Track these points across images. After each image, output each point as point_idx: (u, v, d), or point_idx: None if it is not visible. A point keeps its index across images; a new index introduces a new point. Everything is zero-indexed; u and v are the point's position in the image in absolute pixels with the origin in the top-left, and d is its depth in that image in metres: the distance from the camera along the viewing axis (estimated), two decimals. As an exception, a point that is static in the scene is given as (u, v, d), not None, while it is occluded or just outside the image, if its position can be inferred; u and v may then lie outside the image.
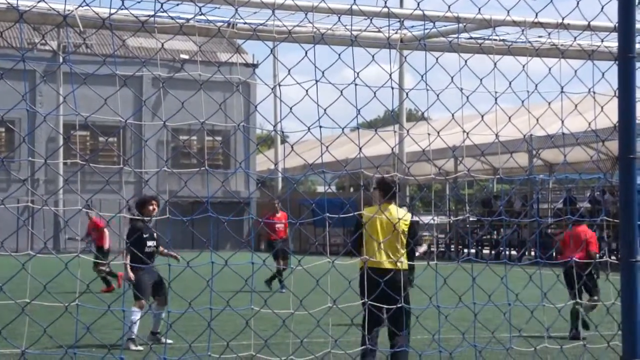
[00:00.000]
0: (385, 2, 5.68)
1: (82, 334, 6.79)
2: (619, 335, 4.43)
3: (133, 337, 10.97)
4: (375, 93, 5.58)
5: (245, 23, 6.73)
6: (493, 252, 35.67)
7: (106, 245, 19.02)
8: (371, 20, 6.59)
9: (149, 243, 11.57)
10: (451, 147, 7.60)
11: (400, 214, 8.09)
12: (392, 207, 8.21)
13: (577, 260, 10.50)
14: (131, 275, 11.02)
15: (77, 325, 5.03)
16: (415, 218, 8.84)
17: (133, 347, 10.85)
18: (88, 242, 20.68)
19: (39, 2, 5.37)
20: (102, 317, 6.33)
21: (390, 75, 5.58)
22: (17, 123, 41.01)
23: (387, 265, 7.78)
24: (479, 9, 5.93)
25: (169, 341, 11.33)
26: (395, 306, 6.87)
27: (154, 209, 11.83)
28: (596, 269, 11.48)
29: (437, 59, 5.90)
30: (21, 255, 4.94)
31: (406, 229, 8.13)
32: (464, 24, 6.95)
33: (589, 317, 10.74)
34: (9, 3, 5.65)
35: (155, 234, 11.77)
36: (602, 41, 6.57)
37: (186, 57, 42.75)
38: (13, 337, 6.12)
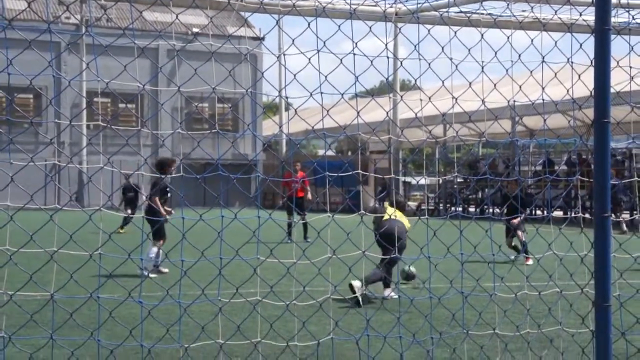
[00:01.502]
0: (382, -22, 5.64)
1: (104, 281, 6.84)
2: (592, 284, 4.46)
3: (159, 265, 13.07)
4: (372, 62, 5.56)
5: (253, -3, 6.68)
6: (478, 209, 35.74)
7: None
8: (369, -5, 6.54)
9: (166, 196, 13.42)
10: (441, 113, 7.59)
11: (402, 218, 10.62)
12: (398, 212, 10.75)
13: None
14: (163, 211, 12.92)
15: (100, 273, 5.08)
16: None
17: (164, 270, 13.12)
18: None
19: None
20: (122, 265, 6.37)
21: (386, 45, 5.56)
22: (44, 90, 40.90)
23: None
24: (468, -15, 5.88)
25: (165, 270, 12.50)
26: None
27: (173, 169, 13.04)
28: None
29: (429, 31, 5.85)
30: (49, 208, 4.96)
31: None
32: (454, -2, 6.91)
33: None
34: (35, -23, 5.60)
35: (167, 188, 13.11)
36: (581, 15, 6.52)
37: (198, 30, 42.53)
38: (42, 283, 6.16)
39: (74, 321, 5.70)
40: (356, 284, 9.91)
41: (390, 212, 10.72)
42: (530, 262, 14.80)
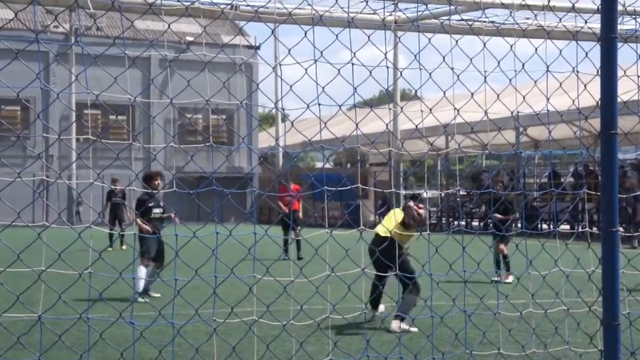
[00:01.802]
0: (381, -14, 5.65)
1: (95, 301, 6.82)
2: (600, 301, 4.45)
3: (140, 290, 11.79)
4: (371, 72, 5.56)
5: (247, 5, 6.70)
6: (482, 223, 35.72)
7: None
8: (367, 2, 6.56)
9: (155, 210, 12.92)
10: (443, 124, 7.59)
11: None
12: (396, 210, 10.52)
13: None
14: (145, 228, 12.43)
15: (89, 292, 5.06)
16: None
17: (140, 300, 12.08)
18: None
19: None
20: (113, 285, 6.36)
21: (385, 55, 5.57)
22: (32, 102, 40.94)
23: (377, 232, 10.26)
24: (470, -7, 5.90)
25: (157, 294, 12.16)
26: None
27: (158, 183, 12.68)
28: None
29: (429, 39, 5.87)
30: (37, 226, 4.95)
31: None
32: (455, 6, 6.93)
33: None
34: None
35: (161, 202, 12.72)
36: (586, 22, 6.54)
37: (191, 39, 42.60)
38: (30, 303, 6.14)
39: (62, 343, 5.69)
40: (394, 324, 9.69)
41: (390, 216, 10.54)
42: (510, 279, 14.67)
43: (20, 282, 4.97)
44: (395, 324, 9.65)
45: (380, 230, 10.12)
